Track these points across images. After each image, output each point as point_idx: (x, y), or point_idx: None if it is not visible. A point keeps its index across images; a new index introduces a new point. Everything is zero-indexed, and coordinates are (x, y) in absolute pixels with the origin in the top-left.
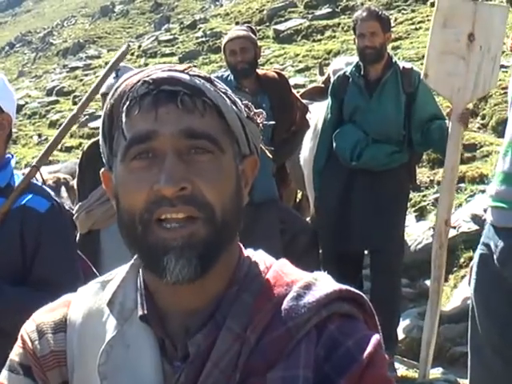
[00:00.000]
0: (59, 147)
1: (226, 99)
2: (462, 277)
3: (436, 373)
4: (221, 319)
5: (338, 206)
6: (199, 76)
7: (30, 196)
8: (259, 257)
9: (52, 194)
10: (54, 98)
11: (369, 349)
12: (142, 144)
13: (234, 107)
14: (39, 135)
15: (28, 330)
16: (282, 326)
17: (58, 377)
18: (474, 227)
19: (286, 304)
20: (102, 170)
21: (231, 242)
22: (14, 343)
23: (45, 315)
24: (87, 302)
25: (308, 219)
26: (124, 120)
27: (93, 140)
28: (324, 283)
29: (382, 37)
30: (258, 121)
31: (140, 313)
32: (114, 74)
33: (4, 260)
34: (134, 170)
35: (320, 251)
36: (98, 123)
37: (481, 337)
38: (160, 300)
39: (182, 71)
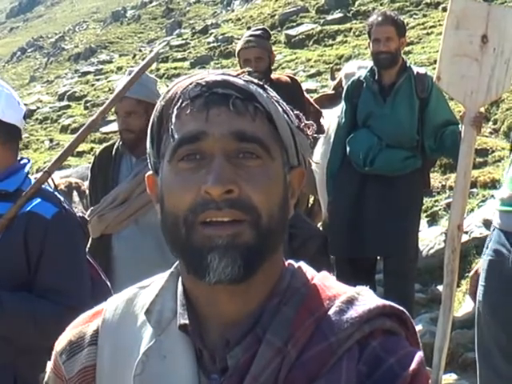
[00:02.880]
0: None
1: (278, 107)
2: None
3: (448, 379)
4: (261, 332)
5: (351, 212)
6: (252, 82)
7: (37, 201)
8: (301, 269)
9: (62, 200)
10: (65, 102)
11: (412, 366)
12: (191, 144)
13: (285, 116)
14: (51, 140)
15: (59, 350)
16: (324, 341)
17: None
18: (486, 232)
19: (328, 319)
20: (148, 173)
21: (275, 251)
22: (14, 348)
23: (75, 330)
24: (121, 310)
25: (319, 224)
26: (174, 121)
27: (105, 145)
28: (367, 298)
29: (397, 42)
30: (309, 133)
31: (180, 322)
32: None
33: (8, 266)
34: (180, 171)
35: (332, 256)
36: (110, 128)
37: (489, 343)
38: (200, 310)
39: (236, 76)
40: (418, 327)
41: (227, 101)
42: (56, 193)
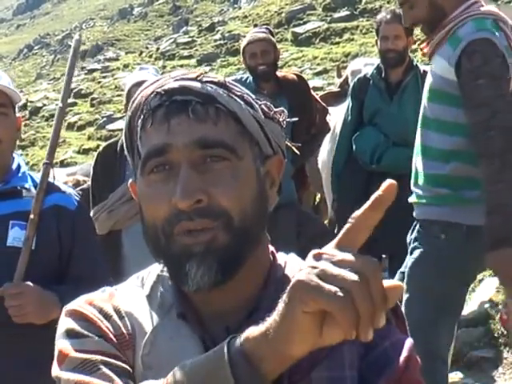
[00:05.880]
0: (77, 149)
1: (241, 102)
2: (480, 280)
3: (454, 377)
4: (260, 317)
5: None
6: (212, 82)
7: (59, 195)
8: (293, 259)
9: (74, 192)
10: (71, 100)
11: (405, 352)
12: (157, 157)
13: (249, 109)
14: None
15: (90, 310)
16: None
17: (131, 359)
18: None
19: None
20: (130, 181)
21: (255, 246)
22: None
23: (101, 302)
24: (130, 296)
25: (326, 222)
26: (139, 134)
27: (107, 142)
28: None
29: (405, 40)
30: (280, 119)
31: (178, 310)
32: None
33: (46, 258)
34: (152, 183)
35: None
36: (116, 125)
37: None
38: (195, 301)
39: (195, 79)
40: None
41: (187, 108)
42: (65, 185)
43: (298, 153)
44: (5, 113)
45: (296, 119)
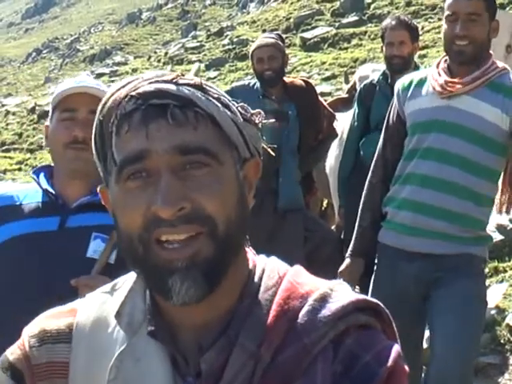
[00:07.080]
0: None
1: (219, 105)
2: (487, 287)
3: None
4: (233, 335)
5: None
6: (188, 84)
7: None
8: (272, 265)
9: None
10: None
11: (389, 362)
12: (134, 164)
13: (228, 113)
14: None
15: (30, 333)
16: (298, 343)
17: None
18: (500, 237)
19: (301, 319)
20: (99, 187)
21: (237, 254)
22: None
23: (50, 321)
24: (95, 312)
25: (333, 227)
26: (114, 140)
27: None
28: (340, 294)
29: (410, 46)
30: (257, 121)
31: (148, 328)
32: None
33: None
34: (129, 190)
35: None
36: None
37: None
38: (169, 316)
39: (170, 81)
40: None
41: (165, 113)
42: None
43: (301, 161)
44: None
45: (304, 125)
